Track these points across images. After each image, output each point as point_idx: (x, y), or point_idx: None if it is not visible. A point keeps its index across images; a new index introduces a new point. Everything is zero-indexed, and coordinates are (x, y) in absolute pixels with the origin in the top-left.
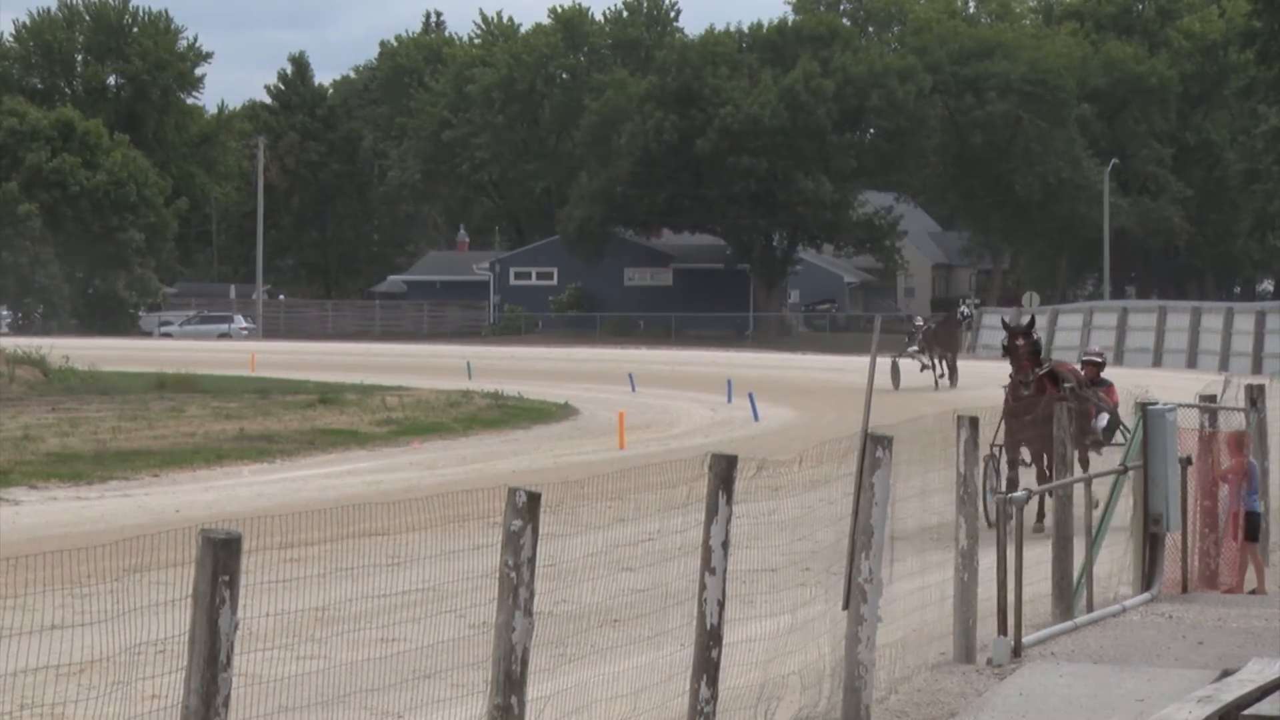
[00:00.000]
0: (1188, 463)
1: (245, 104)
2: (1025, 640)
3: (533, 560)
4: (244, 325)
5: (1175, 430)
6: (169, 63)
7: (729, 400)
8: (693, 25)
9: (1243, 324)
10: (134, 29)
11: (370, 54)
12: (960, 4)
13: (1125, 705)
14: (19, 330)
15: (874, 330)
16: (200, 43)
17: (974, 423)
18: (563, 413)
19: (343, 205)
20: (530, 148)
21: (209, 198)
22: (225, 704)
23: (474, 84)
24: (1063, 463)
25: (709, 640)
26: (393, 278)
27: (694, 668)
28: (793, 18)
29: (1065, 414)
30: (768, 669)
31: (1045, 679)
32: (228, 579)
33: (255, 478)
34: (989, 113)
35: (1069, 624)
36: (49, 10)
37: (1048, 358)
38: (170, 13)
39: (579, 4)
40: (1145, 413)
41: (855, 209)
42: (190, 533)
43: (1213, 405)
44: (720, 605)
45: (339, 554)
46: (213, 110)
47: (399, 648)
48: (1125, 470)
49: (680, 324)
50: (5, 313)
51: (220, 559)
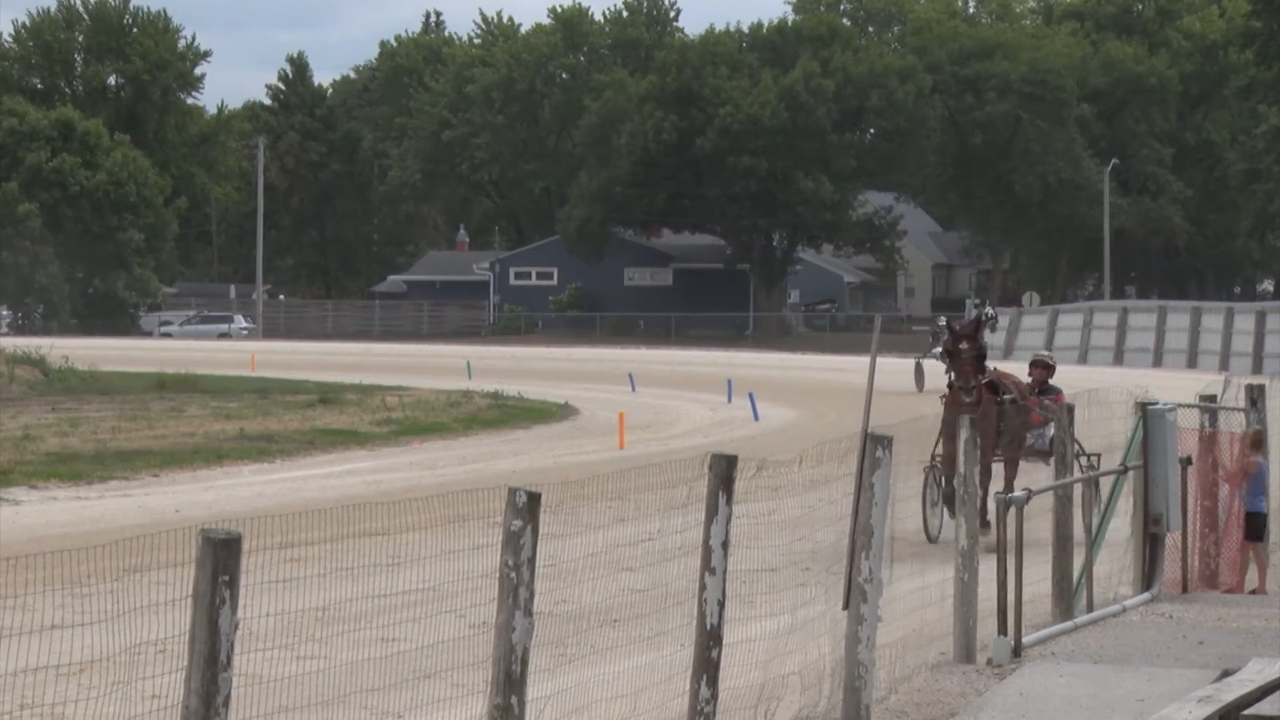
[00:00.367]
0: (1188, 462)
1: (245, 104)
2: (1025, 640)
3: (533, 560)
4: (244, 325)
5: (1175, 430)
6: (169, 62)
7: (729, 400)
8: (692, 25)
9: (1243, 324)
10: (134, 29)
11: (370, 54)
12: (960, 4)
13: (1125, 705)
14: (19, 330)
15: (874, 330)
16: (199, 42)
17: (974, 423)
18: (563, 413)
19: (343, 205)
20: (530, 148)
21: (209, 198)
22: (225, 704)
23: (474, 84)
24: (1062, 462)
25: (709, 640)
26: (393, 278)
27: (694, 668)
28: (793, 18)
29: (1066, 414)
30: (768, 669)
31: (1045, 679)
32: (228, 579)
33: (255, 478)
34: (989, 113)
35: (1069, 624)
36: (48, 10)
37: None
38: (170, 13)
39: (579, 4)
40: (1145, 413)
41: (855, 209)
42: (190, 533)
43: (1213, 405)
44: (720, 605)
45: (339, 554)
46: (213, 110)
47: (399, 648)
48: (1125, 470)
49: (680, 324)
50: (5, 313)
51: (220, 559)
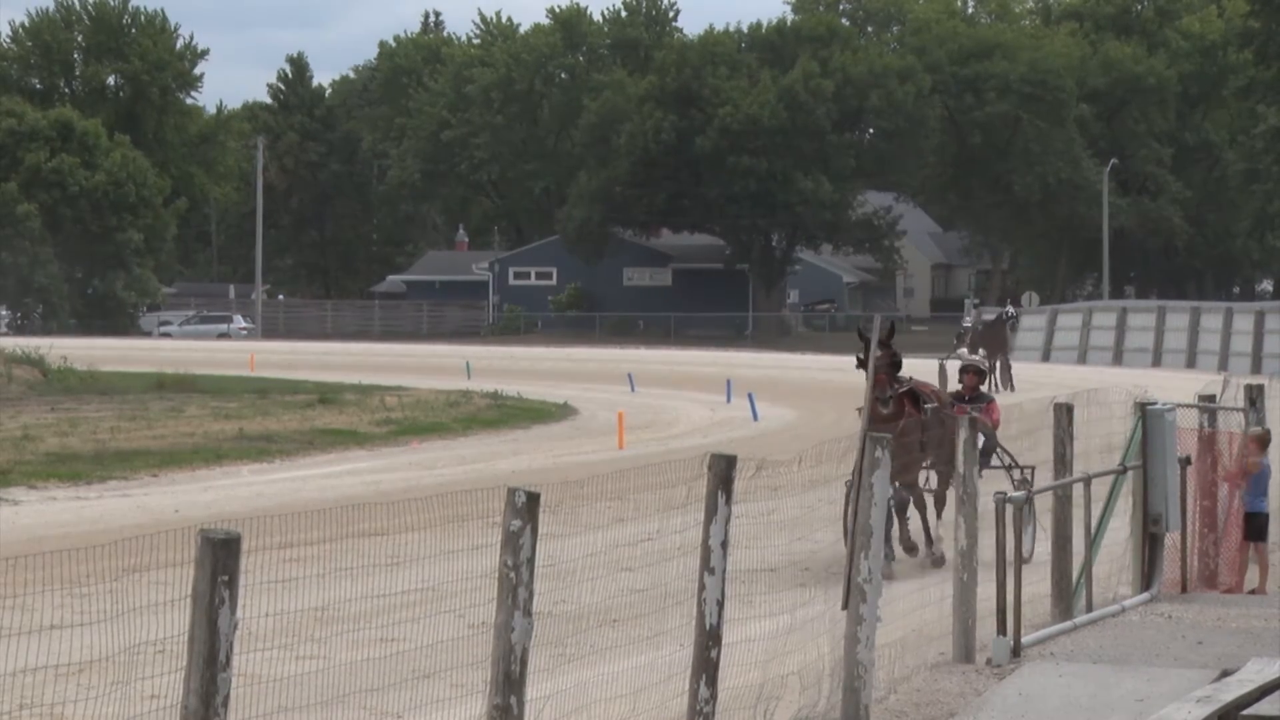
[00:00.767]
0: (1187, 462)
1: (244, 104)
2: (1024, 640)
3: (532, 560)
4: (243, 325)
5: (1174, 430)
6: (167, 62)
7: (728, 400)
8: (692, 25)
9: (1242, 324)
10: (132, 29)
11: (369, 54)
12: (959, 4)
13: (1125, 705)
14: (18, 330)
15: (873, 330)
16: (196, 41)
17: (973, 423)
18: (562, 413)
19: (342, 205)
20: (529, 148)
21: (208, 198)
22: (225, 704)
23: (473, 84)
24: (1062, 462)
25: (708, 640)
26: (392, 278)
27: (693, 668)
28: (792, 18)
29: (1064, 414)
30: (767, 669)
31: (1045, 679)
32: (227, 579)
33: (254, 478)
34: (988, 113)
35: (1068, 624)
36: (47, 10)
37: (909, 374)
38: (170, 13)
39: (578, 4)
40: (1145, 413)
41: (854, 209)
42: (189, 533)
43: (1212, 405)
44: (719, 605)
45: (338, 554)
46: (212, 110)
47: (398, 648)
48: (1124, 470)
49: (679, 324)
50: (4, 313)
51: (219, 559)
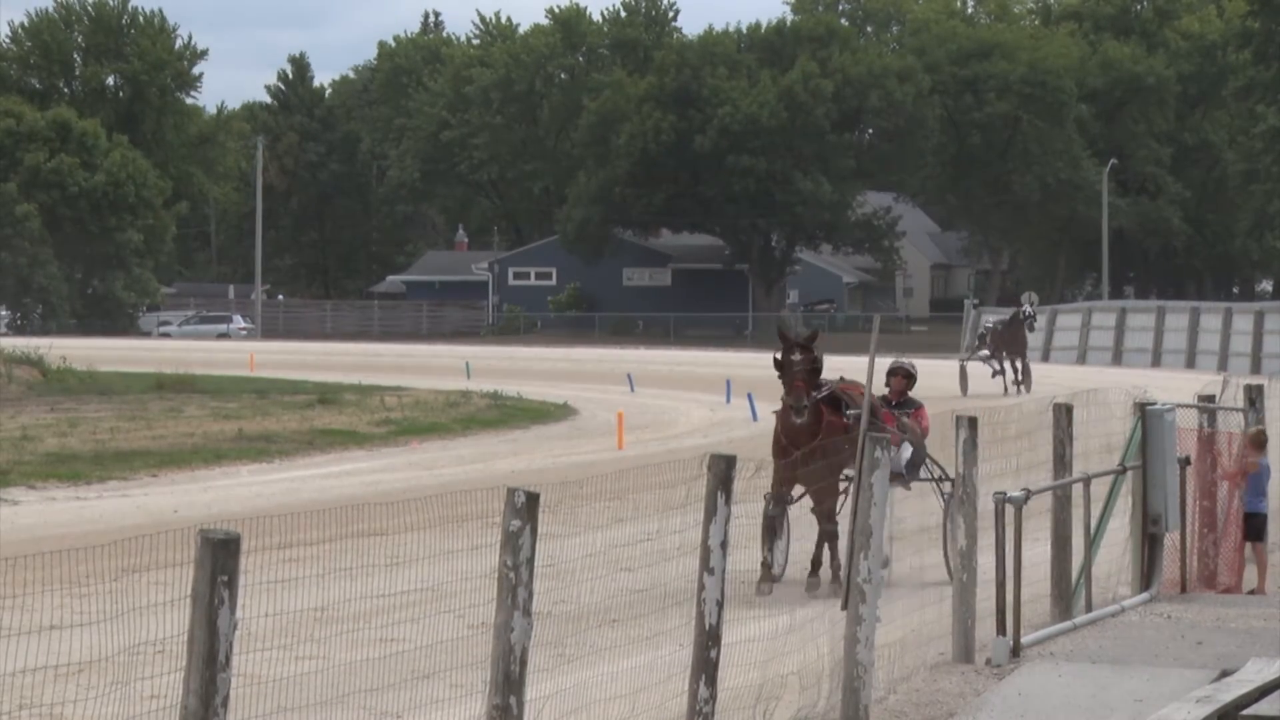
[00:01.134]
0: (1186, 463)
1: (244, 104)
2: (1024, 640)
3: (531, 560)
4: (243, 325)
5: (1174, 430)
6: (166, 62)
7: (728, 401)
8: (691, 25)
9: (1241, 324)
10: (131, 29)
11: (369, 54)
12: (959, 4)
13: (1124, 705)
14: (18, 330)
15: (873, 330)
16: (195, 41)
17: (973, 423)
18: (561, 413)
19: (341, 205)
20: (529, 148)
21: (208, 198)
22: (224, 704)
23: (472, 84)
24: (1061, 462)
25: (708, 640)
26: (391, 278)
27: (693, 668)
28: (791, 18)
29: (1064, 415)
30: (766, 669)
31: (1044, 679)
32: (226, 579)
33: (254, 478)
34: (987, 113)
35: (1068, 624)
36: (47, 10)
37: (830, 379)
38: (170, 13)
39: (577, 4)
40: (1144, 413)
41: (854, 209)
42: (189, 533)
43: (1211, 405)
44: (719, 605)
45: (338, 554)
46: (212, 111)
47: (398, 648)
48: (1124, 470)
49: (679, 324)
50: (4, 313)
51: (219, 559)
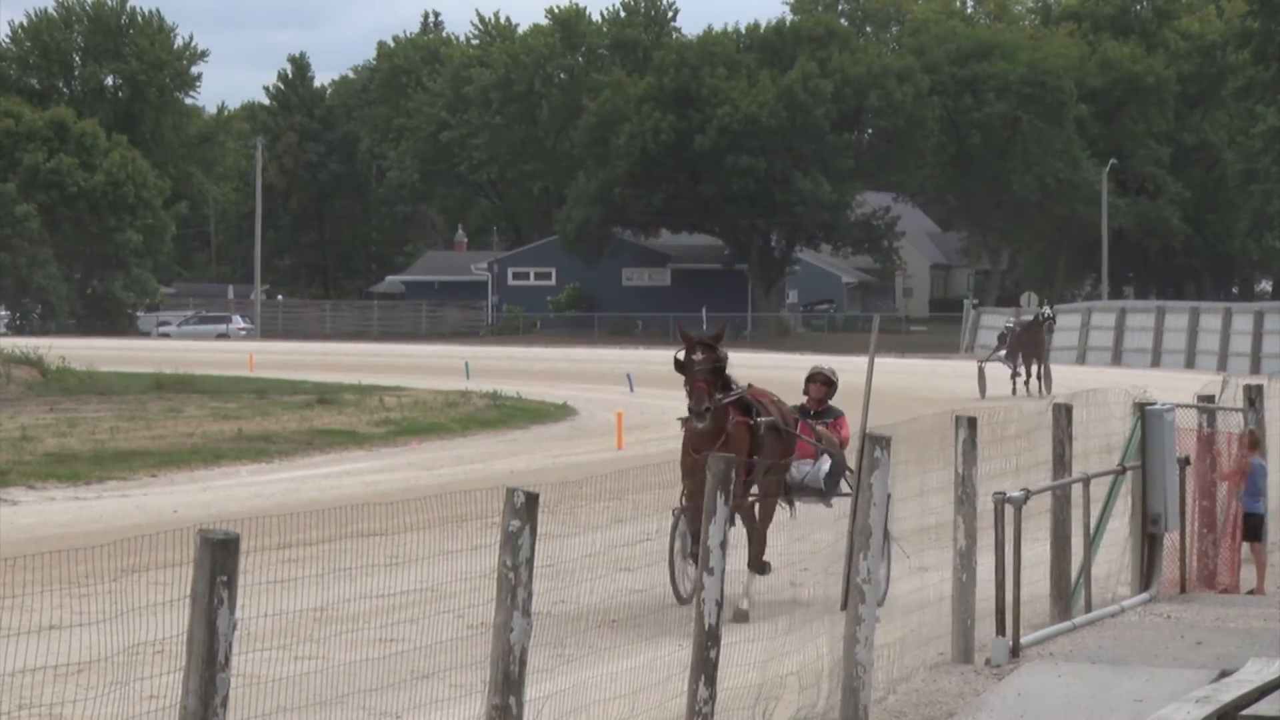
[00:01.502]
0: (1186, 463)
1: (243, 104)
2: (1023, 640)
3: (531, 561)
4: (242, 325)
5: (1174, 430)
6: (165, 62)
7: None
8: (691, 25)
9: (1241, 324)
10: (130, 29)
11: (368, 54)
12: (958, 4)
13: (1123, 705)
14: (17, 330)
15: (872, 330)
16: (196, 41)
17: (972, 423)
18: (561, 413)
19: (341, 205)
20: (528, 148)
21: (207, 198)
22: (223, 704)
23: (472, 84)
24: (1060, 463)
25: (707, 640)
26: (391, 278)
27: (692, 668)
28: (791, 18)
29: (1063, 415)
30: (766, 669)
31: (1043, 679)
32: (225, 579)
33: (253, 478)
34: (987, 113)
35: (1067, 624)
36: (46, 10)
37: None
38: (169, 13)
39: (576, 4)
40: (1144, 413)
41: (853, 209)
42: (188, 533)
43: (1211, 405)
44: (718, 605)
45: (337, 554)
46: (211, 111)
47: (397, 648)
48: (1123, 470)
49: (679, 324)
50: (3, 313)
51: (218, 559)
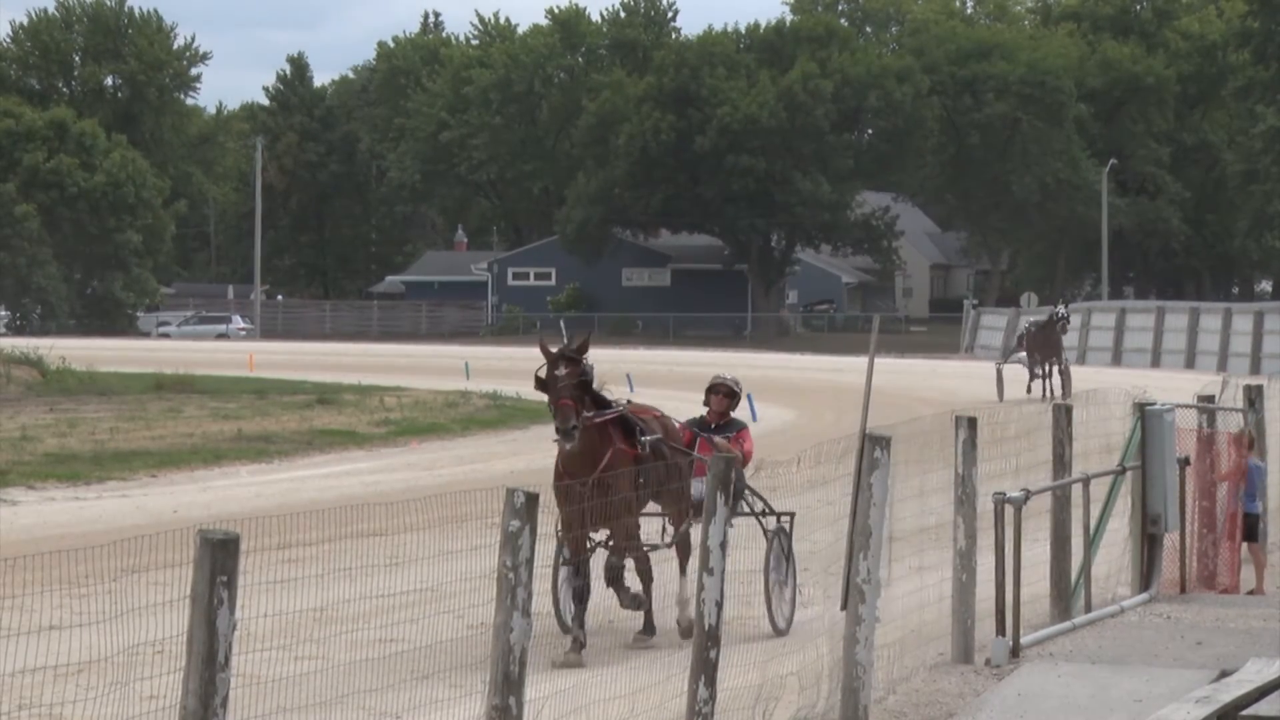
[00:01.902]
0: (1186, 463)
1: (243, 105)
2: (1023, 641)
3: (531, 561)
4: (242, 325)
5: (1173, 431)
6: (164, 62)
7: None
8: (690, 26)
9: (1241, 324)
10: (129, 30)
11: (368, 54)
12: (958, 5)
13: (1123, 705)
14: (17, 331)
15: (872, 330)
16: (198, 43)
17: (972, 423)
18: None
19: (341, 206)
20: (528, 148)
21: (207, 198)
22: (223, 704)
23: (472, 85)
24: (1060, 463)
25: (707, 641)
26: (391, 278)
27: (692, 668)
28: (790, 18)
29: (1063, 415)
30: (766, 669)
31: (1043, 679)
32: (225, 579)
33: (253, 478)
34: (986, 113)
35: (1067, 624)
36: (46, 11)
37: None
38: (169, 13)
39: (576, 4)
40: (1143, 413)
41: (853, 209)
42: (188, 533)
43: (1211, 406)
44: (718, 606)
45: (337, 554)
46: (211, 111)
47: (397, 648)
48: (1123, 470)
49: (678, 324)
50: (3, 313)
51: (218, 559)
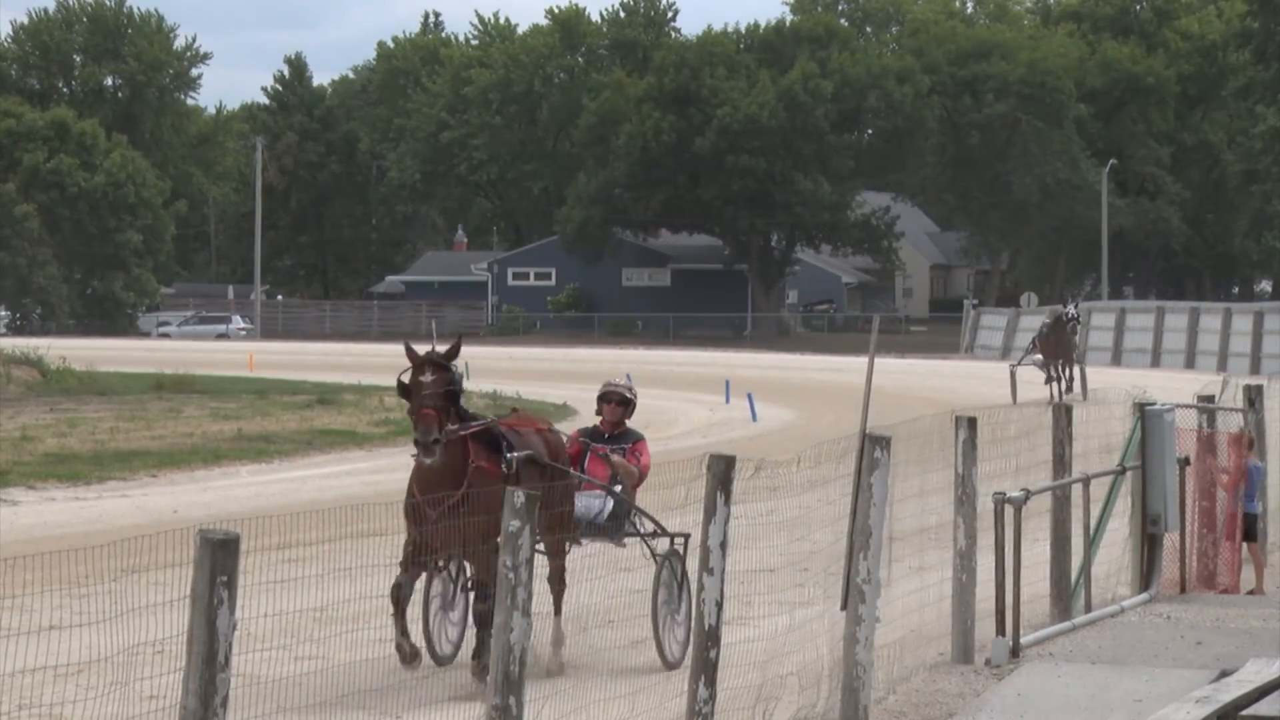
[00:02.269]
0: (1186, 463)
1: (243, 105)
2: (1023, 641)
3: (531, 561)
4: (242, 325)
5: (1173, 431)
6: (164, 63)
7: (727, 401)
8: (690, 26)
9: (1241, 324)
10: (129, 30)
11: (367, 54)
12: (958, 5)
13: (1123, 705)
14: (17, 331)
15: (872, 330)
16: (199, 43)
17: (972, 423)
18: (561, 413)
19: (341, 206)
20: (528, 148)
21: (207, 198)
22: (224, 704)
23: (471, 85)
24: (1060, 463)
25: (707, 641)
26: (391, 278)
27: (692, 668)
28: (790, 18)
29: (1063, 415)
30: (766, 669)
31: (1043, 679)
32: (225, 579)
33: (253, 478)
34: (986, 113)
35: (1067, 624)
36: (46, 11)
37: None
38: (169, 13)
39: (576, 5)
40: (1143, 413)
41: (853, 209)
42: (188, 533)
43: (1211, 406)
44: (718, 606)
45: (337, 554)
46: (211, 111)
47: None
48: (1123, 470)
49: (678, 324)
50: (3, 313)
51: (218, 559)
